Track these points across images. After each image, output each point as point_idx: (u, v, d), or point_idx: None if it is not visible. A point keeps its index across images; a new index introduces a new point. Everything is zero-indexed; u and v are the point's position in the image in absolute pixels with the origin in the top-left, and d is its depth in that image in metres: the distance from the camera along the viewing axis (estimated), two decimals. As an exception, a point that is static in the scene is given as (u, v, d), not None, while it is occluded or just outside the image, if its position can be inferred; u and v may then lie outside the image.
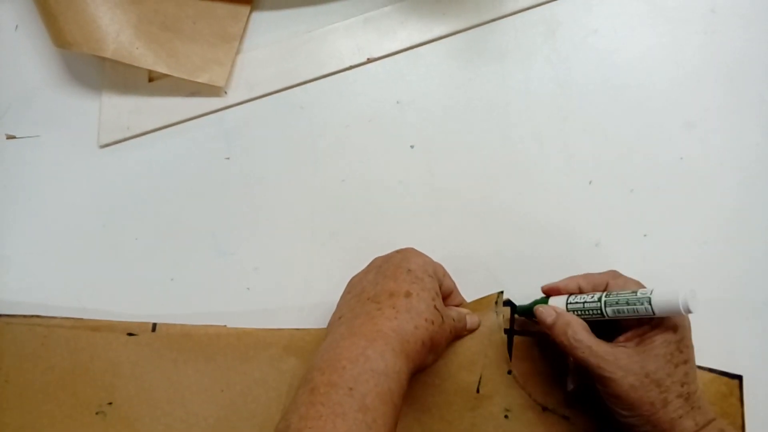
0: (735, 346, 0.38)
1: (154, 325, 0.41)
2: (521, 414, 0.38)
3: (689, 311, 0.30)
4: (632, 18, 0.43)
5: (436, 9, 0.44)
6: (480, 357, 0.39)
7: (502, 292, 0.39)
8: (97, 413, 0.40)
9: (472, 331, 0.39)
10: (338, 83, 0.44)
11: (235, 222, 0.43)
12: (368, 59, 0.44)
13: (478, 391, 0.39)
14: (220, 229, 0.43)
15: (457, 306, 0.40)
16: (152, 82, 0.45)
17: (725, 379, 0.37)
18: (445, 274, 0.38)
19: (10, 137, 0.46)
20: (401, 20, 0.44)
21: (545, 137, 0.42)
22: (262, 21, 0.46)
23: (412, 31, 0.44)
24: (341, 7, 0.45)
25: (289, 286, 0.42)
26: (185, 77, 0.43)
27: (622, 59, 0.42)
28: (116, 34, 0.42)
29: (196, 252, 0.43)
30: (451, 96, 0.43)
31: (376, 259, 0.38)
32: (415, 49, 0.44)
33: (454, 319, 0.37)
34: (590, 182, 0.41)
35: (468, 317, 0.39)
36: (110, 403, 0.40)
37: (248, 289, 0.42)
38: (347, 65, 0.44)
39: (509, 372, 0.39)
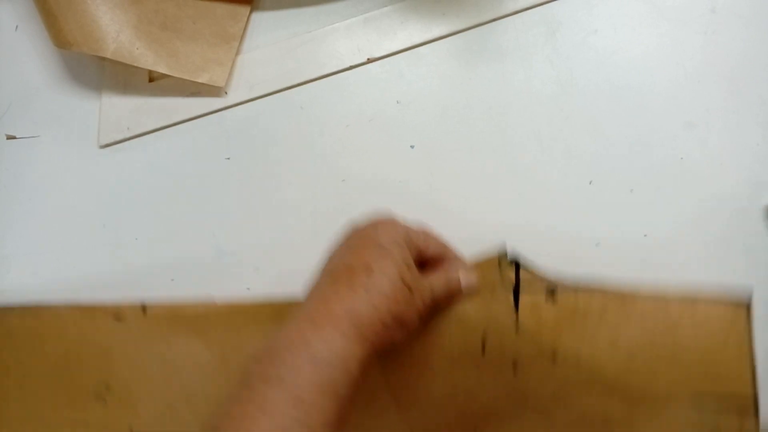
0: (735, 346, 0.38)
1: (144, 306, 0.41)
2: (530, 367, 0.36)
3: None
4: (632, 18, 0.43)
5: (436, 9, 0.44)
6: (483, 320, 0.36)
7: (505, 249, 0.37)
8: (96, 398, 0.40)
9: (469, 291, 0.36)
10: (338, 83, 0.44)
11: (235, 222, 0.43)
12: (368, 59, 0.44)
13: (483, 350, 0.36)
14: (220, 229, 0.43)
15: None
16: (152, 82, 0.45)
17: (729, 306, 0.36)
18: (428, 236, 0.36)
19: (10, 137, 0.46)
20: (401, 20, 0.44)
21: (545, 137, 0.42)
22: (262, 21, 0.46)
23: (412, 31, 0.44)
24: (341, 7, 0.45)
25: (290, 286, 0.42)
26: (185, 77, 0.43)
27: (623, 59, 0.42)
28: (116, 34, 0.42)
29: (196, 252, 0.43)
30: (451, 96, 0.43)
31: (351, 227, 0.35)
32: (415, 49, 0.44)
33: (432, 289, 0.34)
34: (590, 182, 0.41)
35: (463, 277, 0.36)
36: (107, 387, 0.40)
37: (248, 289, 0.42)
38: (347, 65, 0.44)
39: (516, 329, 0.36)
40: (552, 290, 0.37)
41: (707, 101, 0.41)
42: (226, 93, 0.44)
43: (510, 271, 0.37)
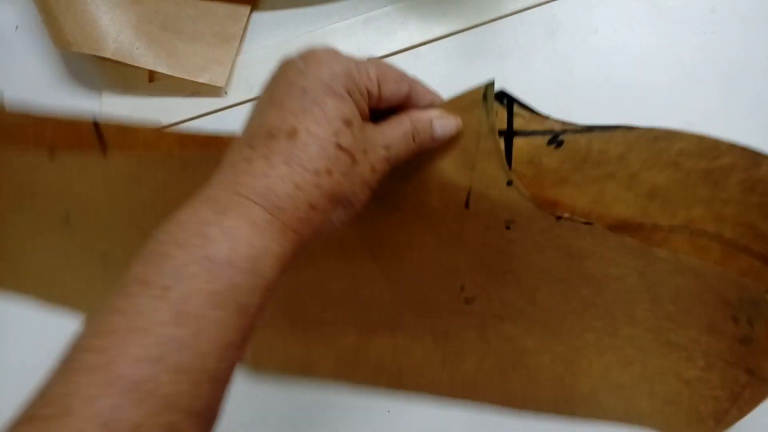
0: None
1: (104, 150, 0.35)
2: (528, 225, 0.30)
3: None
4: (632, 18, 0.43)
5: (436, 9, 0.44)
6: (465, 170, 0.29)
7: (492, 84, 0.28)
8: (61, 223, 0.38)
9: (446, 139, 0.28)
10: (338, 83, 0.44)
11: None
12: (368, 59, 0.44)
13: (467, 205, 0.30)
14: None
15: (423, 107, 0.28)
16: (152, 82, 0.45)
17: None
18: (383, 72, 0.27)
19: (10, 137, 0.46)
20: (401, 20, 0.44)
21: (545, 137, 0.42)
22: (262, 21, 0.46)
23: (412, 31, 0.44)
24: (341, 7, 0.45)
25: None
26: (185, 77, 0.43)
27: (622, 59, 0.42)
28: (116, 34, 0.42)
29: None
30: (451, 96, 0.43)
31: (281, 63, 0.27)
32: (415, 49, 0.44)
33: (388, 146, 0.26)
34: (590, 182, 0.41)
35: (436, 122, 0.28)
36: (68, 215, 0.38)
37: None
38: (347, 65, 0.44)
39: (509, 183, 0.29)
40: (556, 134, 0.30)
41: (707, 101, 0.41)
42: (226, 93, 0.44)
43: (500, 110, 0.29)
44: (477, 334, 0.35)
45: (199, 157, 0.33)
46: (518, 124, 0.30)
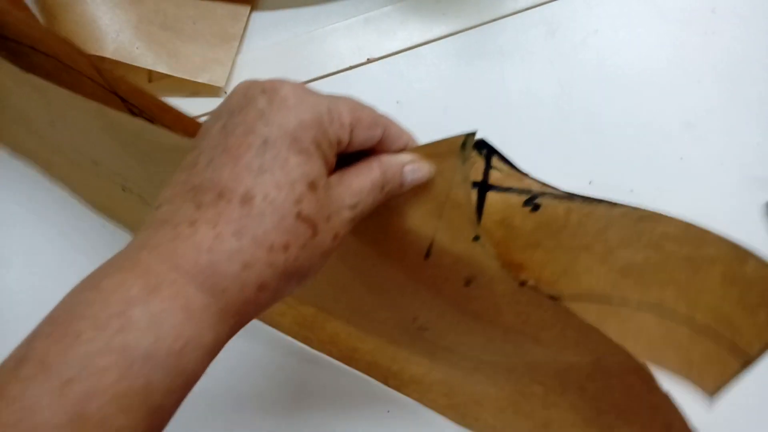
0: (735, 346, 0.38)
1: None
2: (489, 285, 0.27)
3: None
4: (632, 18, 0.43)
5: (436, 9, 0.44)
6: (431, 219, 0.26)
7: (473, 134, 0.26)
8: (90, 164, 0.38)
9: (416, 184, 0.26)
10: (338, 83, 0.44)
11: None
12: (368, 59, 0.44)
13: (427, 256, 0.27)
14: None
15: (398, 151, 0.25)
16: (152, 82, 0.45)
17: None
18: (357, 115, 0.23)
19: (10, 137, 0.46)
20: (401, 20, 0.44)
21: (545, 137, 0.42)
22: (262, 21, 0.46)
23: (412, 31, 0.44)
24: (341, 7, 0.45)
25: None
26: (185, 77, 0.43)
27: (622, 59, 0.42)
28: (116, 34, 0.42)
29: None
30: (451, 96, 0.43)
31: (237, 91, 0.23)
32: (415, 49, 0.44)
33: (353, 205, 0.23)
34: (590, 182, 0.41)
35: (408, 168, 0.25)
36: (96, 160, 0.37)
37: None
38: (347, 65, 0.44)
39: (476, 239, 0.26)
40: (534, 195, 0.27)
41: (707, 101, 0.41)
42: (225, 93, 0.44)
43: (478, 160, 0.27)
44: (427, 357, 0.35)
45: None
46: (495, 178, 0.28)
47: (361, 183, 0.23)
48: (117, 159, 0.35)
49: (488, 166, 0.28)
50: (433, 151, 0.26)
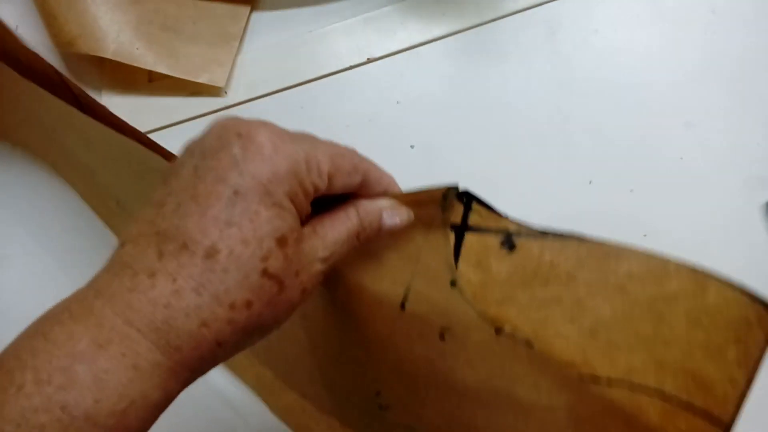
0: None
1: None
2: (465, 335, 0.26)
3: None
4: (632, 18, 0.43)
5: (436, 9, 0.44)
6: (408, 263, 0.26)
7: (455, 187, 0.26)
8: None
9: (394, 229, 0.25)
10: (338, 83, 0.44)
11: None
12: (368, 59, 0.44)
13: (402, 307, 0.27)
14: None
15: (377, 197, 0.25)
16: (152, 82, 0.45)
17: (756, 306, 0.26)
18: (339, 167, 0.23)
19: (10, 137, 0.46)
20: (401, 20, 0.44)
21: (545, 137, 0.42)
22: (262, 21, 0.46)
23: (412, 31, 0.44)
24: (341, 7, 0.45)
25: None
26: (185, 77, 0.43)
27: (622, 59, 0.42)
28: (116, 34, 0.42)
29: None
30: (451, 96, 0.43)
31: (212, 130, 0.22)
32: (415, 49, 0.44)
33: (325, 258, 0.22)
34: (590, 182, 0.41)
35: (386, 213, 0.25)
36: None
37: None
38: (347, 65, 0.44)
39: (453, 283, 0.26)
40: (510, 235, 0.27)
41: (707, 101, 0.41)
42: (226, 93, 0.44)
43: (457, 205, 0.27)
44: None
45: None
46: (473, 220, 0.27)
47: (336, 233, 0.23)
48: (110, 172, 0.36)
49: (468, 209, 0.27)
50: (413, 198, 0.26)
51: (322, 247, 0.22)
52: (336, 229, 0.23)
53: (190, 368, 0.19)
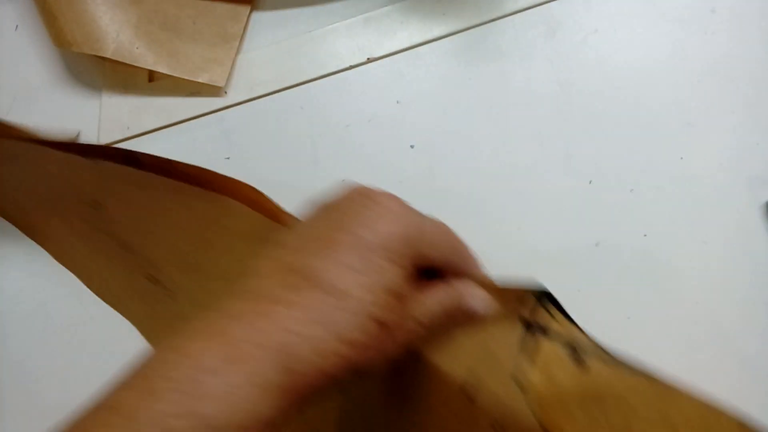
0: (734, 346, 0.38)
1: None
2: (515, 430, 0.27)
3: None
4: (632, 18, 0.43)
5: (436, 9, 0.44)
6: (476, 348, 0.27)
7: (542, 290, 0.27)
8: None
9: (478, 315, 0.26)
10: (338, 83, 0.44)
11: (235, 222, 0.43)
12: (368, 59, 0.44)
13: (462, 389, 0.28)
14: (220, 229, 0.43)
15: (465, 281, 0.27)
16: (152, 82, 0.45)
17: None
18: (442, 237, 0.26)
19: (10, 137, 0.46)
20: (401, 20, 0.44)
21: (545, 137, 0.42)
22: (262, 21, 0.46)
23: (412, 31, 0.44)
24: (341, 7, 0.45)
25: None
26: (185, 77, 0.43)
27: (622, 59, 0.42)
28: (116, 34, 0.42)
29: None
30: (451, 96, 0.43)
31: (342, 192, 0.25)
32: (415, 49, 0.44)
33: (421, 322, 0.24)
34: (590, 182, 0.41)
35: (475, 301, 0.26)
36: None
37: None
38: (347, 65, 0.44)
39: (515, 380, 0.27)
40: (579, 349, 0.27)
41: (707, 101, 0.41)
42: (226, 93, 0.44)
43: (534, 306, 0.27)
44: None
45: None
46: (548, 322, 0.28)
47: (432, 303, 0.25)
48: (161, 245, 0.37)
49: (544, 311, 0.28)
50: (498, 289, 0.27)
51: (421, 312, 0.24)
52: (432, 300, 0.25)
53: (301, 394, 0.21)
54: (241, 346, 0.20)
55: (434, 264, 0.25)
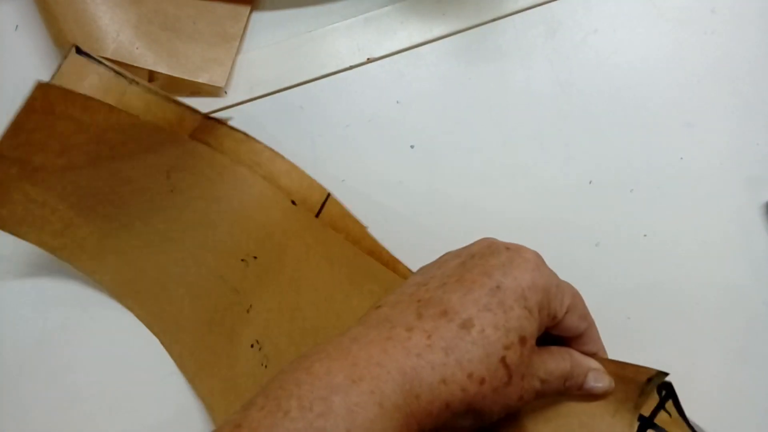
0: (734, 346, 0.38)
1: (322, 206, 0.39)
2: None
3: None
4: (632, 18, 0.43)
5: (436, 9, 0.44)
6: (583, 430, 0.27)
7: (664, 374, 0.27)
8: (242, 260, 0.38)
9: (593, 392, 0.27)
10: (338, 83, 0.44)
11: (235, 222, 0.43)
12: (368, 59, 0.44)
13: None
14: (220, 229, 0.43)
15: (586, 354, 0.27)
16: (152, 82, 0.45)
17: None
18: (576, 307, 0.26)
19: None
20: (401, 20, 0.44)
21: (545, 137, 0.42)
22: (262, 21, 0.46)
23: (412, 31, 0.44)
24: (341, 7, 0.45)
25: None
26: (185, 77, 0.43)
27: (622, 59, 0.42)
28: (116, 34, 0.42)
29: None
30: (451, 96, 0.43)
31: (480, 243, 0.27)
32: (415, 49, 0.44)
33: (542, 380, 0.24)
34: (590, 182, 0.41)
35: (592, 375, 0.26)
36: (255, 258, 0.38)
37: (248, 289, 0.42)
38: (347, 65, 0.44)
39: None
40: None
41: (707, 101, 0.41)
42: (225, 93, 0.44)
43: (652, 398, 0.27)
44: None
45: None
46: (661, 419, 0.28)
47: (553, 365, 0.25)
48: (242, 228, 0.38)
49: (660, 406, 0.28)
50: (617, 370, 0.27)
51: (543, 369, 0.25)
52: (553, 362, 0.25)
53: (420, 422, 0.21)
54: (368, 367, 0.21)
55: (561, 327, 0.26)
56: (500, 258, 0.25)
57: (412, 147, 0.43)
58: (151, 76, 0.45)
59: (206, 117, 0.40)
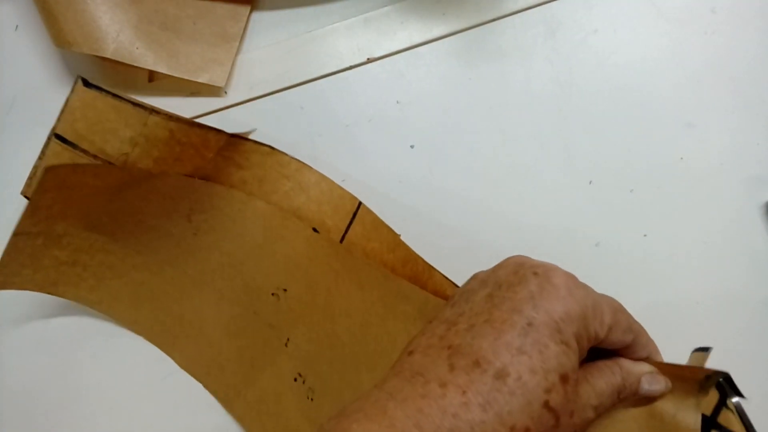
0: (734, 346, 0.38)
1: (345, 234, 0.38)
2: None
3: None
4: (632, 18, 0.43)
5: (436, 9, 0.44)
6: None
7: (723, 373, 0.26)
8: (273, 294, 0.38)
9: (649, 395, 0.26)
10: (338, 83, 0.44)
11: (235, 222, 0.43)
12: (368, 59, 0.44)
13: None
14: (220, 229, 0.43)
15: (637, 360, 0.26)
16: (152, 83, 0.45)
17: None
18: (618, 322, 0.24)
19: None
20: (401, 20, 0.44)
21: (545, 137, 0.42)
22: (262, 21, 0.46)
23: (412, 31, 0.44)
24: (341, 7, 0.45)
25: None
26: (185, 77, 0.43)
27: (622, 59, 0.42)
28: (116, 34, 0.42)
29: (196, 252, 0.42)
30: (451, 96, 0.43)
31: (507, 265, 0.25)
32: (415, 49, 0.44)
33: (595, 406, 0.23)
34: (590, 182, 0.41)
35: (646, 379, 0.25)
36: (285, 290, 0.38)
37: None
38: (347, 65, 0.44)
39: None
40: None
41: (707, 101, 0.41)
42: (226, 93, 0.44)
43: (713, 394, 0.27)
44: None
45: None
46: (723, 418, 0.27)
47: (603, 385, 0.24)
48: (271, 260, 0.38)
49: (722, 404, 0.27)
50: (674, 371, 0.26)
51: (594, 395, 0.24)
52: (603, 381, 0.24)
53: None
54: (403, 427, 0.20)
55: (606, 343, 0.24)
56: (529, 287, 0.23)
57: (412, 147, 0.43)
58: (151, 76, 0.45)
59: (231, 135, 0.40)
